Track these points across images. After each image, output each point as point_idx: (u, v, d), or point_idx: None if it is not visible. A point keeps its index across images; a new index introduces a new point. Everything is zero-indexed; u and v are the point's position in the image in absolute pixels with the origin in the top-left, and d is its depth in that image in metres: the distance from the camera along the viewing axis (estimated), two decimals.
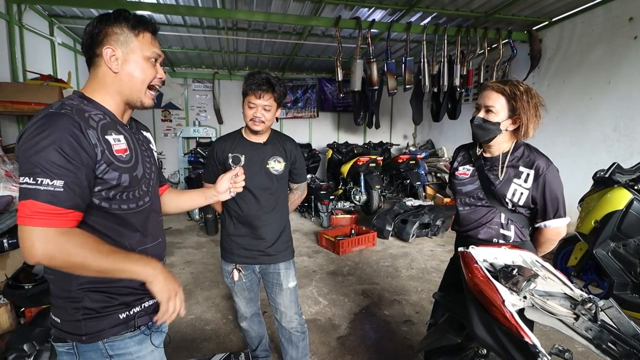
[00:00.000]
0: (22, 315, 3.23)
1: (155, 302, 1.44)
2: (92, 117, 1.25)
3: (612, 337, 1.29)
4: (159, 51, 1.40)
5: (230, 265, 2.51)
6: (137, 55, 1.33)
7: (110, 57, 1.30)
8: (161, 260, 1.52)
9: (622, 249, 3.43)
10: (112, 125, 1.32)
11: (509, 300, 1.38)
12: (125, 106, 1.41)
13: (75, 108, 1.22)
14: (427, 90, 6.72)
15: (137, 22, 1.33)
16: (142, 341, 1.41)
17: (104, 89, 1.34)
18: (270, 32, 7.52)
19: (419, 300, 4.13)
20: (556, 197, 1.98)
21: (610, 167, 3.58)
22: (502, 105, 1.99)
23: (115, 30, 1.30)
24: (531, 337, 1.27)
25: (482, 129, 2.05)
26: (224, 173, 1.84)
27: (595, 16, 5.77)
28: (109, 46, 1.29)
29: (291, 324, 2.56)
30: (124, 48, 1.31)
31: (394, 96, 6.93)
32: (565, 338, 1.42)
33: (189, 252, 5.83)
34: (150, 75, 1.38)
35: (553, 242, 2.13)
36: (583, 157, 5.93)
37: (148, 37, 1.36)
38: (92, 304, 1.29)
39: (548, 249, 2.17)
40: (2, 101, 4.61)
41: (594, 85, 5.79)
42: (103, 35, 1.29)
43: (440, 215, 6.60)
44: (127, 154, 1.33)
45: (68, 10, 6.24)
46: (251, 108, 2.25)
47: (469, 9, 6.28)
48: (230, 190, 1.82)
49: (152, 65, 1.38)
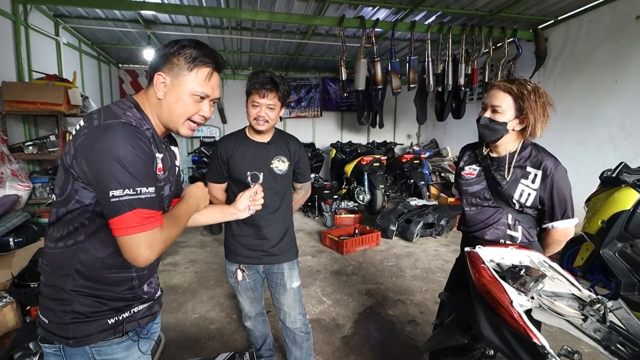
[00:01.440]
0: (27, 314, 3.24)
1: (145, 307, 1.46)
2: (146, 132, 1.29)
3: (621, 339, 1.28)
4: (210, 91, 1.38)
5: (234, 266, 2.50)
6: (183, 88, 1.33)
7: (159, 83, 1.32)
8: (155, 273, 1.57)
9: (630, 250, 3.40)
10: (157, 143, 1.35)
11: (516, 300, 1.36)
12: (164, 128, 1.43)
13: (137, 121, 1.27)
14: (432, 90, 6.70)
15: (197, 57, 1.32)
16: (129, 347, 1.40)
17: (150, 107, 1.37)
18: (274, 31, 7.53)
19: (424, 300, 4.12)
20: (564, 198, 1.95)
21: (617, 166, 3.55)
22: (509, 104, 1.95)
23: (174, 60, 1.31)
24: (540, 338, 1.26)
25: (489, 129, 2.02)
26: (243, 191, 1.83)
27: (602, 15, 5.73)
28: (162, 72, 1.31)
29: (295, 325, 2.55)
30: (174, 79, 1.32)
31: (397, 95, 6.92)
32: (573, 339, 1.41)
33: (193, 251, 5.83)
34: (190, 112, 1.36)
35: (561, 243, 2.11)
36: (589, 157, 5.89)
37: (203, 73, 1.34)
38: (81, 308, 1.28)
39: (555, 250, 2.15)
40: (8, 101, 4.64)
41: (600, 84, 5.75)
42: (163, 60, 1.32)
43: (444, 215, 6.58)
44: (162, 174, 1.36)
45: (73, 10, 6.25)
46: (255, 107, 2.24)
47: (473, 8, 6.25)
48: (249, 208, 1.82)
49: (196, 102, 1.36)
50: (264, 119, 2.24)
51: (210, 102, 1.41)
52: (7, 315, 3.06)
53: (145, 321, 1.45)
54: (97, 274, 1.30)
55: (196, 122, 1.41)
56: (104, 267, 1.30)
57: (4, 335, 2.94)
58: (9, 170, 4.33)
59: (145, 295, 1.45)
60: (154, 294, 1.52)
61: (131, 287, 1.39)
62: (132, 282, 1.39)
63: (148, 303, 1.47)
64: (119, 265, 1.33)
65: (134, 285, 1.40)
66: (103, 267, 1.30)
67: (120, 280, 1.35)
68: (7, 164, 4.40)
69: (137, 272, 1.40)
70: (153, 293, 1.51)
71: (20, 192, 4.26)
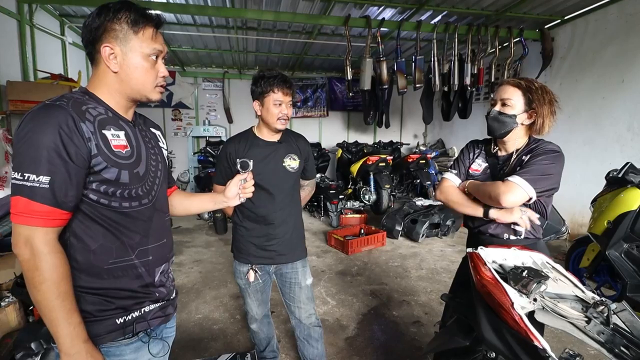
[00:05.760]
0: (30, 314, 3.24)
1: (157, 307, 1.41)
2: (90, 110, 1.21)
3: (624, 341, 1.26)
4: (161, 47, 1.33)
5: (246, 266, 2.46)
6: (136, 54, 1.27)
7: (109, 55, 1.25)
8: (166, 262, 1.48)
9: (636, 250, 3.37)
10: (113, 120, 1.28)
11: (518, 302, 1.35)
12: (129, 102, 1.36)
13: (72, 100, 1.19)
14: (438, 89, 6.68)
15: (138, 18, 1.26)
16: (138, 349, 1.35)
17: (105, 87, 1.30)
18: (280, 31, 7.53)
19: (429, 301, 4.10)
20: (532, 162, 1.90)
21: (623, 167, 3.53)
22: (519, 97, 1.98)
23: (115, 26, 1.24)
24: (541, 341, 1.24)
25: (498, 122, 2.03)
26: (232, 178, 1.79)
27: (609, 14, 5.69)
28: (107, 44, 1.24)
29: (310, 319, 2.56)
30: (123, 46, 1.25)
31: (404, 95, 6.92)
32: (576, 341, 1.39)
33: (198, 251, 5.84)
34: (152, 76, 1.32)
35: (493, 197, 1.94)
36: (596, 157, 5.85)
37: (149, 33, 1.29)
38: (87, 307, 1.24)
39: (486, 202, 2.02)
40: (13, 100, 4.66)
41: (607, 84, 5.71)
42: (102, 30, 1.23)
43: (450, 215, 6.54)
44: (127, 150, 1.28)
45: (78, 9, 6.30)
46: (277, 106, 2.23)
47: (479, 7, 6.23)
48: (239, 196, 1.75)
49: (153, 64, 1.31)
50: (286, 117, 2.27)
51: (162, 60, 1.37)
52: (9, 315, 3.06)
53: (157, 322, 1.41)
54: (96, 267, 1.25)
55: (161, 85, 1.37)
56: (100, 259, 1.26)
57: (6, 335, 2.94)
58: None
59: (157, 293, 1.41)
60: (167, 295, 1.47)
61: (138, 276, 1.34)
62: (137, 270, 1.34)
63: (160, 303, 1.43)
64: (114, 254, 1.28)
65: (141, 273, 1.35)
66: (99, 260, 1.26)
67: (122, 269, 1.30)
68: (12, 164, 4.43)
69: (139, 259, 1.34)
70: (167, 293, 1.47)
71: None
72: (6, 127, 4.75)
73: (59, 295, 1.13)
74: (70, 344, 1.16)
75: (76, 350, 1.17)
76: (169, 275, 1.52)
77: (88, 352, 1.19)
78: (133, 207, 1.32)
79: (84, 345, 1.18)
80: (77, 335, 1.17)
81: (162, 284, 1.45)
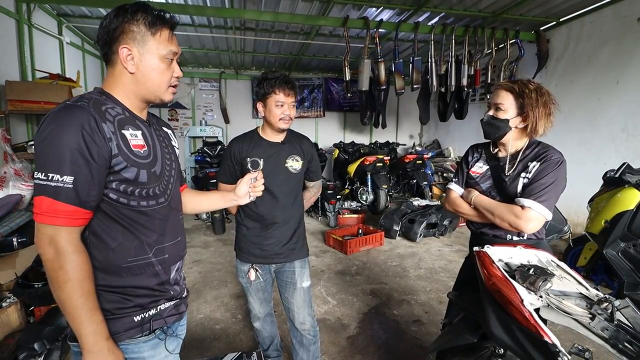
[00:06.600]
0: (31, 314, 3.24)
1: (171, 305, 1.44)
2: (109, 111, 1.24)
3: (628, 337, 1.29)
4: (176, 48, 1.36)
5: (247, 265, 2.48)
6: (153, 55, 1.29)
7: (127, 56, 1.27)
8: (180, 260, 1.51)
9: (633, 249, 3.41)
10: (130, 120, 1.31)
11: (527, 299, 1.38)
12: (143, 103, 1.38)
13: (92, 101, 1.21)
14: (435, 90, 6.73)
15: (155, 20, 1.28)
16: (156, 346, 1.37)
17: (121, 87, 1.31)
18: (278, 31, 7.55)
19: (428, 300, 4.13)
20: (545, 181, 1.90)
21: (620, 167, 3.58)
22: (511, 102, 2.01)
23: (132, 27, 1.25)
24: (551, 337, 1.28)
25: (491, 126, 2.08)
26: (243, 177, 1.81)
27: (604, 16, 5.76)
28: (125, 45, 1.25)
29: (303, 326, 2.54)
30: (141, 48, 1.27)
31: (400, 96, 6.94)
32: (576, 338, 1.43)
33: (197, 251, 5.84)
34: (167, 77, 1.35)
35: (509, 222, 1.95)
36: (591, 158, 5.92)
37: (165, 34, 1.31)
38: (106, 305, 1.26)
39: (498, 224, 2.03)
40: (12, 100, 4.65)
41: (602, 85, 5.78)
42: (120, 31, 1.25)
43: (447, 215, 6.57)
44: (144, 150, 1.31)
45: (77, 9, 6.28)
46: (279, 106, 2.26)
47: (476, 9, 6.29)
48: (250, 195, 1.77)
49: (169, 65, 1.34)
50: (289, 117, 2.29)
51: (177, 61, 1.39)
52: (11, 315, 3.06)
53: (172, 320, 1.44)
54: (115, 266, 1.28)
55: (173, 85, 1.39)
56: (119, 257, 1.28)
57: (8, 335, 2.95)
58: (12, 170, 4.34)
59: (172, 292, 1.43)
60: (180, 293, 1.50)
61: (155, 274, 1.37)
62: (154, 267, 1.36)
63: (175, 301, 1.45)
64: (133, 253, 1.31)
65: (158, 271, 1.38)
66: (118, 258, 1.28)
67: (140, 267, 1.33)
68: (11, 164, 4.41)
69: (156, 257, 1.37)
70: (180, 292, 1.49)
71: (24, 191, 4.26)
72: (5, 127, 4.73)
73: (83, 293, 1.15)
74: (93, 341, 1.18)
75: (99, 348, 1.18)
76: (181, 274, 1.55)
77: (110, 350, 1.21)
78: (151, 206, 1.34)
79: (105, 342, 1.20)
80: (99, 333, 1.19)
81: (176, 282, 1.47)
